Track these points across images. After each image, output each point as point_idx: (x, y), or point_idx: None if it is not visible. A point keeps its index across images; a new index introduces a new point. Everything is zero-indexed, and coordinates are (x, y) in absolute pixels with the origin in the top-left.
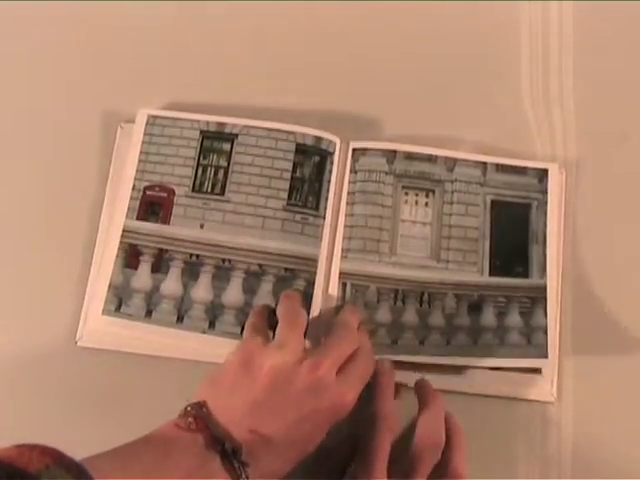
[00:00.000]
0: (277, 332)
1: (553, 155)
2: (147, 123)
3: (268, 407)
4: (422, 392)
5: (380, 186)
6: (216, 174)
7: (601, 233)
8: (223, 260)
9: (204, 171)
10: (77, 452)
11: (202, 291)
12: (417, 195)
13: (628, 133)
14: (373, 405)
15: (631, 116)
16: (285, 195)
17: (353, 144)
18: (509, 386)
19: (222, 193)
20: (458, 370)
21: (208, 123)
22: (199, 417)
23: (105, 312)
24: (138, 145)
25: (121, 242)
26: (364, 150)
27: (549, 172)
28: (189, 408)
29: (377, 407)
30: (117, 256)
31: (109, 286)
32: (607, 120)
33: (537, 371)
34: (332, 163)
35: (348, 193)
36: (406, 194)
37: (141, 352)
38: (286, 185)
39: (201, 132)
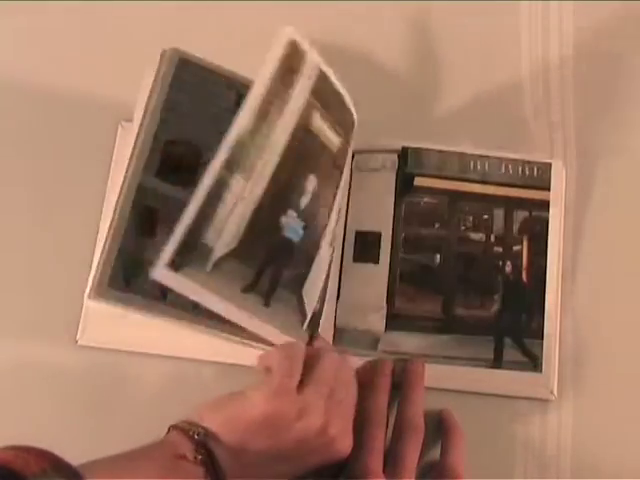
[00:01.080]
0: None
1: (553, 155)
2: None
3: (268, 455)
4: (408, 377)
5: None
6: None
7: (601, 232)
8: None
9: None
10: (76, 450)
11: None
12: None
13: (628, 132)
14: (366, 403)
15: (631, 116)
16: None
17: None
18: (508, 384)
19: None
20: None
21: None
22: (207, 453)
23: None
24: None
25: None
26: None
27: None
28: (196, 435)
29: (370, 404)
30: None
31: None
32: (607, 120)
33: (537, 369)
34: None
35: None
36: None
37: (141, 351)
38: None
39: None
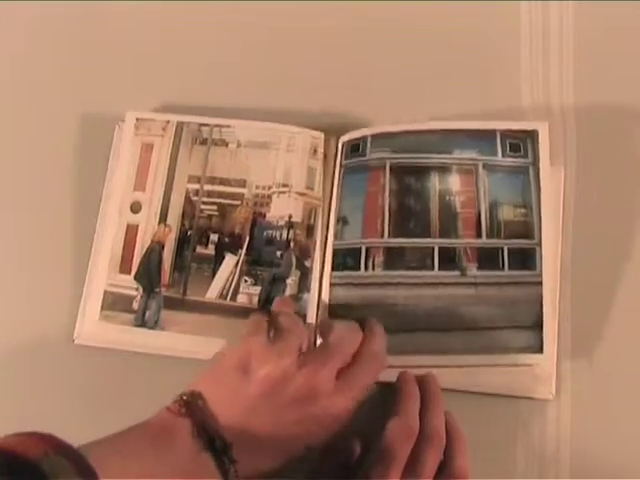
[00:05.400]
0: (275, 335)
1: (552, 155)
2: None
3: (261, 410)
4: (428, 387)
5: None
6: None
7: (601, 232)
8: None
9: None
10: None
11: None
12: None
13: (628, 131)
14: (401, 414)
15: (631, 116)
16: None
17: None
18: (507, 384)
19: None
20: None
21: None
22: (191, 404)
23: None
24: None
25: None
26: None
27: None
28: (184, 396)
29: (404, 416)
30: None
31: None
32: (607, 120)
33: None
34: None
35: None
36: None
37: (139, 350)
38: None
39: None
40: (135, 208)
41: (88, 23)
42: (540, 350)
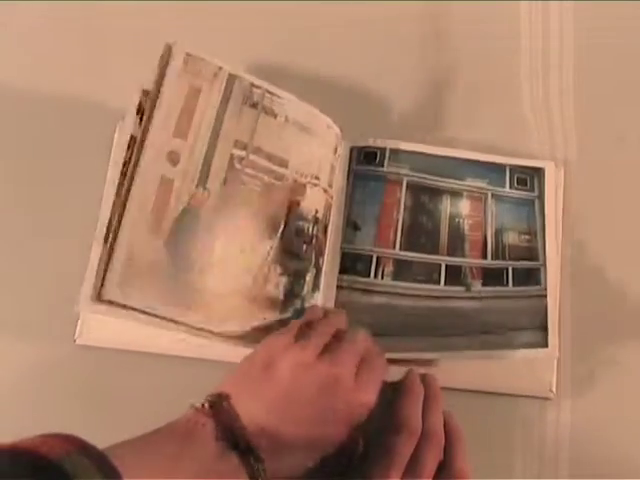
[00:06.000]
0: (299, 334)
1: (552, 155)
2: None
3: (286, 407)
4: (428, 388)
5: None
6: None
7: (600, 230)
8: None
9: None
10: None
11: None
12: None
13: (627, 133)
14: (403, 411)
15: (631, 116)
16: None
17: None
18: (507, 382)
19: None
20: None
21: None
22: (216, 404)
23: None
24: None
25: None
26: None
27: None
28: (209, 397)
29: (406, 414)
30: None
31: None
32: (607, 120)
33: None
34: None
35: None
36: None
37: (140, 350)
38: None
39: None
40: (173, 158)
41: (87, 23)
42: (545, 344)
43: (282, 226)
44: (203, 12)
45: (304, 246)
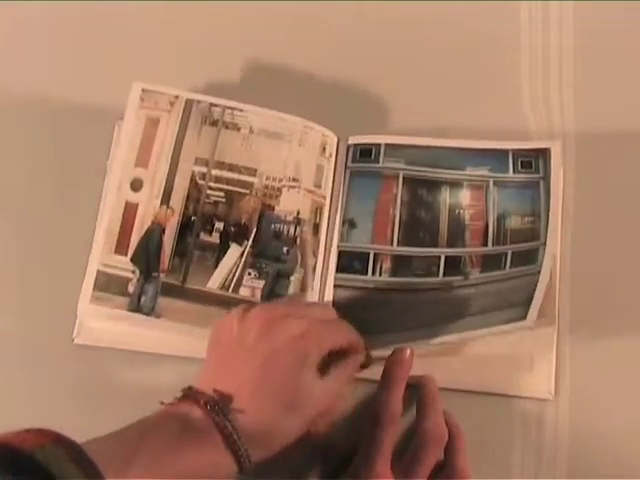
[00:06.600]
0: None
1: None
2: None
3: (228, 362)
4: (426, 389)
5: None
6: None
7: (600, 229)
8: None
9: None
10: None
11: None
12: None
13: (627, 131)
14: (378, 398)
15: (631, 116)
16: None
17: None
18: (506, 383)
19: None
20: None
21: None
22: (187, 393)
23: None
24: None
25: None
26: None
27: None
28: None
29: (382, 400)
30: None
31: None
32: (607, 119)
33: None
34: None
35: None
36: None
37: (138, 349)
38: None
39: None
40: (135, 185)
41: (86, 24)
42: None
43: (253, 232)
44: (202, 12)
45: (284, 248)
